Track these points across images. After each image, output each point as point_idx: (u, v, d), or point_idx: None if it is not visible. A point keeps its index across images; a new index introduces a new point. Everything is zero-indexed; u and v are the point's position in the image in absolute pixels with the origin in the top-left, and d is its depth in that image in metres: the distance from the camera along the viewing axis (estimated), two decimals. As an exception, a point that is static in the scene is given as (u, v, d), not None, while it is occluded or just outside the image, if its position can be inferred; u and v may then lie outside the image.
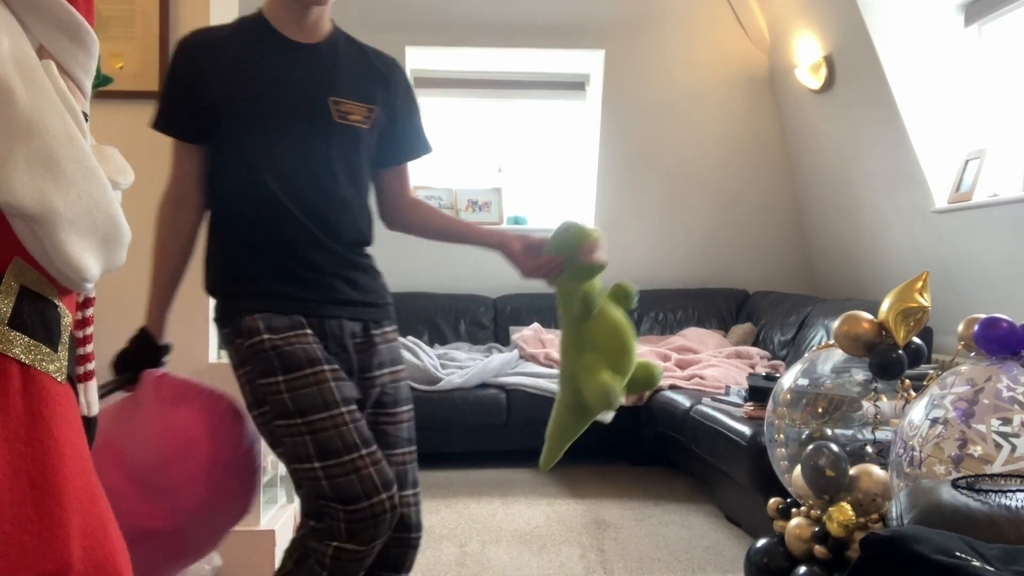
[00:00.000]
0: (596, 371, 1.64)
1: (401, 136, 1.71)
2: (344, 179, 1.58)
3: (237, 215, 1.57)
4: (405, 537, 1.59)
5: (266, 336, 1.49)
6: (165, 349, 1.70)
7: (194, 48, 1.55)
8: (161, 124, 1.58)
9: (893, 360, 2.06)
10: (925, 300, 2.07)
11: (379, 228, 1.78)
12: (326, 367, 1.48)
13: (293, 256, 1.55)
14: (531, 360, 4.24)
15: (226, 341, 1.59)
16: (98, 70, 1.41)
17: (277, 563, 2.56)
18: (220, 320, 1.61)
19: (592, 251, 1.65)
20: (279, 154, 1.53)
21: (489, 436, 3.92)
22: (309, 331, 1.52)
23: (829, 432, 2.12)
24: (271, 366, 1.47)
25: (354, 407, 1.50)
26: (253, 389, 1.52)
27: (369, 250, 1.67)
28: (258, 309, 1.52)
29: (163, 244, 1.63)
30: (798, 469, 2.08)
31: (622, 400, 1.62)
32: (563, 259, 1.68)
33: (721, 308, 4.90)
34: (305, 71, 1.55)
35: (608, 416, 1.75)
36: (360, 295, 1.61)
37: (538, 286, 5.29)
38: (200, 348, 2.60)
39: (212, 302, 2.65)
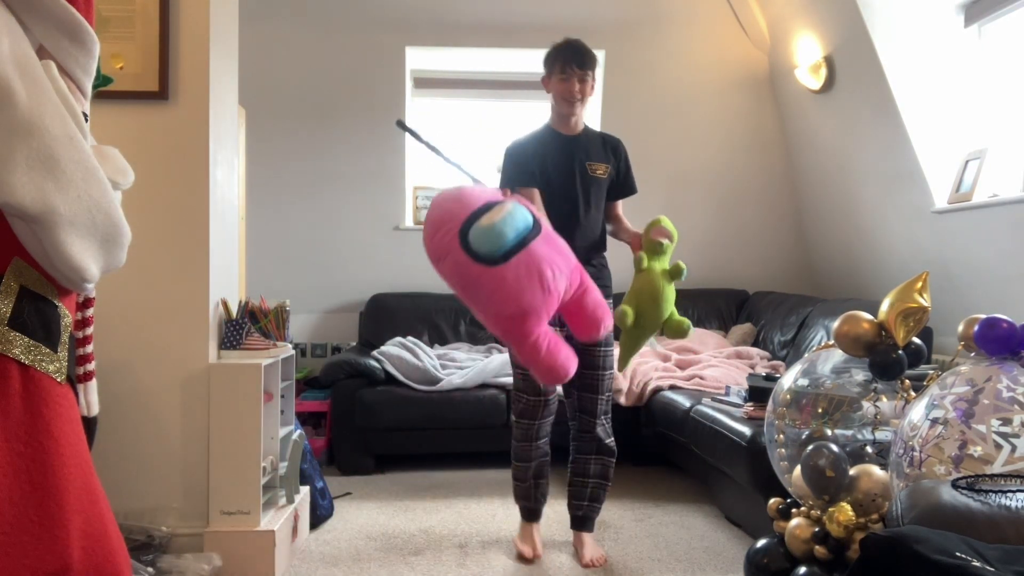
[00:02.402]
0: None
1: (622, 184, 2.89)
2: (593, 207, 2.78)
3: None
4: (589, 420, 2.79)
5: None
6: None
7: (518, 145, 2.81)
8: (510, 184, 2.72)
9: (893, 360, 2.06)
10: (925, 300, 2.07)
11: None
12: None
13: None
14: (531, 360, 4.24)
15: None
16: (98, 70, 1.41)
17: (277, 563, 2.58)
18: None
19: (657, 234, 2.54)
20: (559, 198, 2.72)
21: (489, 436, 3.92)
22: None
23: (829, 432, 2.12)
24: None
25: None
26: None
27: (603, 251, 2.85)
28: None
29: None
30: (798, 469, 2.08)
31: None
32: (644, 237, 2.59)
33: (721, 308, 4.90)
34: (573, 150, 2.77)
35: (656, 346, 2.87)
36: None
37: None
38: (200, 348, 2.61)
39: (212, 307, 2.68)
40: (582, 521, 2.84)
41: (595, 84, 2.78)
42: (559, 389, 2.88)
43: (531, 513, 2.89)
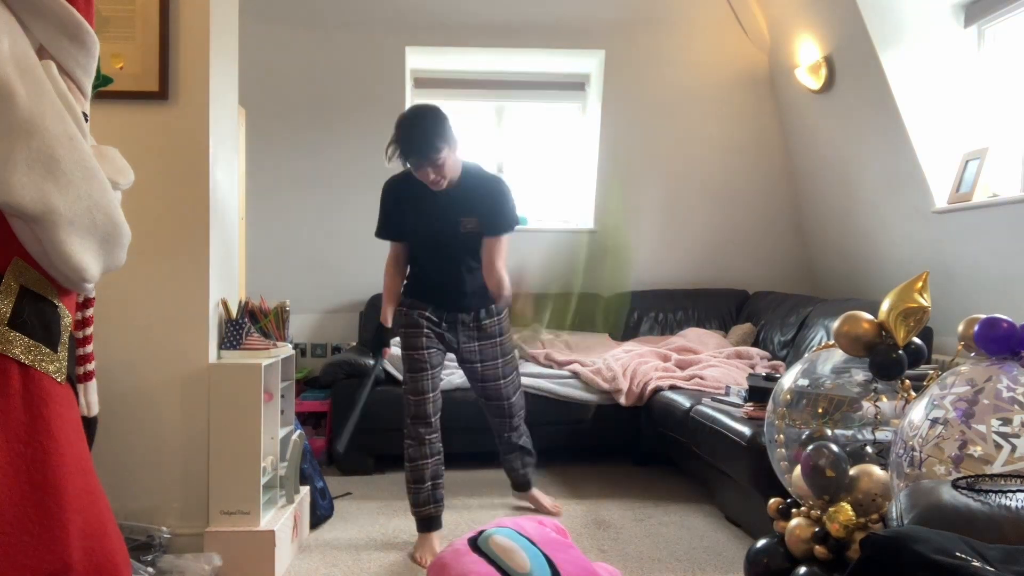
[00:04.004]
0: None
1: (494, 225, 2.88)
2: (467, 259, 2.91)
3: (416, 271, 3.00)
4: (502, 420, 3.17)
5: (405, 309, 2.95)
6: (392, 332, 2.99)
7: (389, 189, 2.94)
8: (382, 235, 2.98)
9: (893, 360, 2.06)
10: (925, 300, 2.07)
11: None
12: (423, 331, 2.91)
13: (433, 288, 2.95)
14: (531, 360, 4.24)
15: (399, 312, 2.99)
16: (98, 70, 1.41)
17: (277, 563, 2.58)
18: (401, 302, 2.98)
19: None
20: (430, 250, 2.93)
21: (489, 436, 3.91)
22: (429, 314, 2.93)
23: (829, 432, 2.12)
24: (403, 323, 2.94)
25: (433, 351, 2.91)
26: (400, 330, 2.97)
27: (480, 286, 2.94)
28: (412, 305, 2.95)
29: (390, 282, 3.00)
30: (798, 469, 2.08)
31: None
32: None
33: (721, 308, 4.90)
34: (444, 206, 2.83)
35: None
36: (466, 305, 2.96)
37: (533, 288, 5.19)
38: (200, 349, 2.61)
39: (212, 307, 2.69)
40: (525, 480, 3.28)
41: (452, 149, 2.68)
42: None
43: (432, 521, 2.89)
